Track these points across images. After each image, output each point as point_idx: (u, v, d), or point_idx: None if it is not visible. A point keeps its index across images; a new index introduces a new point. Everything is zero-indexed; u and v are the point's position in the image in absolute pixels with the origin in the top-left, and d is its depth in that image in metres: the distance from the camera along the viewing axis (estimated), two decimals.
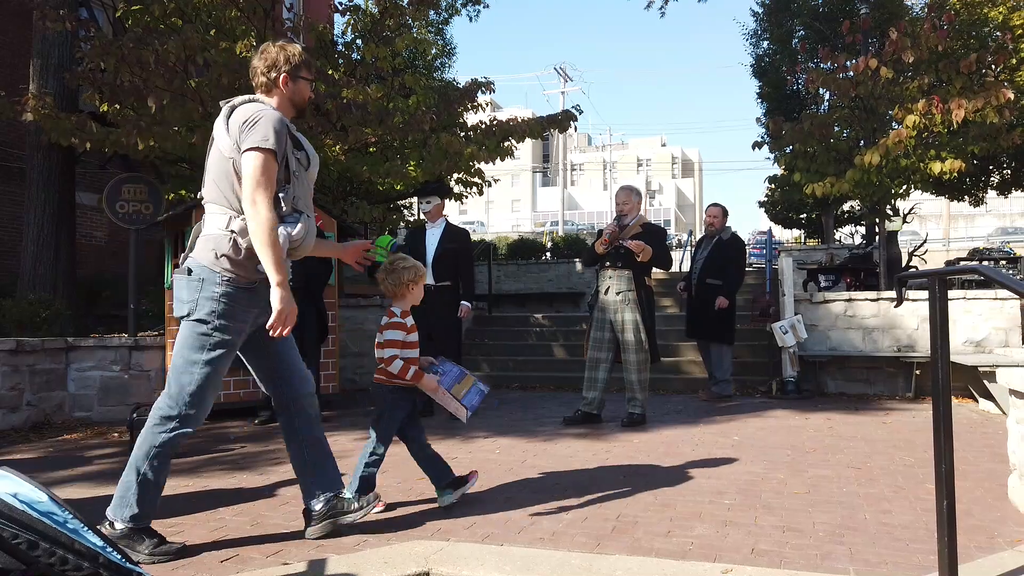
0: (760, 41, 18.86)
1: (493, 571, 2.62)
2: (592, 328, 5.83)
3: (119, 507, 2.78)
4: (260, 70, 2.91)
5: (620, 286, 5.71)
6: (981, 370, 6.28)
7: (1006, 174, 15.25)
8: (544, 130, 9.61)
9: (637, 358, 5.66)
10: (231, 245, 2.77)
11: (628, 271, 5.69)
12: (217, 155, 2.82)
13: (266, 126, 2.72)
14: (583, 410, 5.80)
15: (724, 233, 7.21)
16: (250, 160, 2.70)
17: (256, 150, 2.70)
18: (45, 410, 6.20)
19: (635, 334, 5.65)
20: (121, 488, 2.81)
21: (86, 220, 11.80)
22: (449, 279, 6.18)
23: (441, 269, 6.17)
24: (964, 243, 37.15)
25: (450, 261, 6.20)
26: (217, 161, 2.81)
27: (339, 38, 10.78)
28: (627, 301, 5.67)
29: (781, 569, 2.60)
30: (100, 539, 1.71)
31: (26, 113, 7.27)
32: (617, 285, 5.73)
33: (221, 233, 2.78)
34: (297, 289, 6.13)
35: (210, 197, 2.83)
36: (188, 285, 2.79)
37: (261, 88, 2.93)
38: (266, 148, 2.69)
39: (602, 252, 5.75)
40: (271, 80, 2.92)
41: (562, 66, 40.33)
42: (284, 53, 2.93)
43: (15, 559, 1.54)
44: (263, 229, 2.68)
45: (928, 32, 8.27)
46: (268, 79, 2.91)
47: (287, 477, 4.12)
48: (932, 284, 2.36)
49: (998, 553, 2.73)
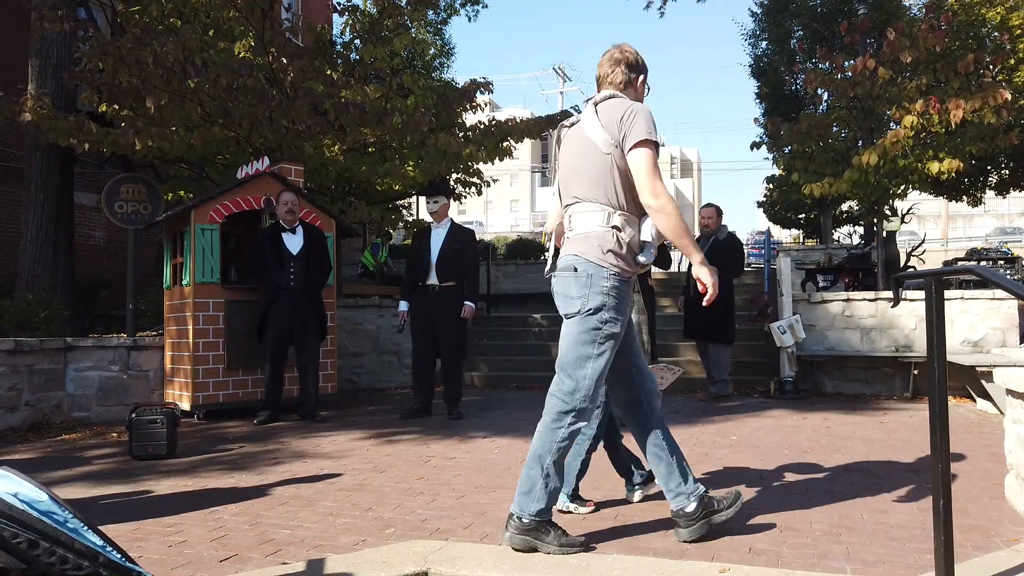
0: (759, 42, 18.89)
1: (491, 570, 2.62)
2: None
3: (526, 502, 2.81)
4: (622, 68, 2.95)
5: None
6: (978, 370, 6.30)
7: (1004, 174, 15.28)
8: (543, 130, 9.62)
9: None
10: (615, 240, 2.80)
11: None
12: (588, 154, 2.84)
13: (647, 119, 2.77)
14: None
15: (720, 233, 7.21)
16: (640, 155, 2.75)
17: (644, 144, 2.75)
18: (43, 410, 6.21)
19: (638, 336, 5.65)
20: (525, 483, 2.83)
21: (85, 220, 11.81)
22: (454, 280, 6.18)
23: (445, 270, 6.17)
24: (962, 243, 37.21)
25: (454, 262, 6.20)
26: (590, 160, 2.83)
27: (337, 38, 10.79)
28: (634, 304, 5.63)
29: (778, 568, 2.61)
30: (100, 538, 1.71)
31: (24, 113, 7.27)
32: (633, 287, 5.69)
33: (604, 230, 2.80)
34: (298, 291, 6.17)
35: (585, 195, 2.85)
36: (576, 282, 2.80)
37: (617, 85, 2.95)
38: (652, 140, 2.76)
39: None
40: (630, 79, 2.96)
41: (561, 66, 40.42)
42: (641, 57, 3.02)
43: (15, 558, 1.54)
44: (674, 216, 2.75)
45: (926, 33, 8.28)
46: (628, 78, 2.95)
47: (285, 477, 4.13)
48: (929, 285, 2.36)
49: (994, 552, 2.74)
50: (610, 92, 2.91)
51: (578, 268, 2.81)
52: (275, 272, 6.15)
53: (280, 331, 6.15)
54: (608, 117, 2.81)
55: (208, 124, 7.66)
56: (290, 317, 6.14)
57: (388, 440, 5.22)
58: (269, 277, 6.18)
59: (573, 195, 2.91)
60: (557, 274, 2.89)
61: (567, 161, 2.95)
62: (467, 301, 6.21)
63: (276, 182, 6.78)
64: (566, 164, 2.96)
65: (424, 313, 6.22)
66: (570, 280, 2.82)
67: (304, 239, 6.28)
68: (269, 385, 6.20)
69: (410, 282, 6.39)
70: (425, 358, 6.29)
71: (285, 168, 7.09)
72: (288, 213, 6.24)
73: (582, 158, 2.88)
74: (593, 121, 2.85)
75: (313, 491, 3.81)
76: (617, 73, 2.94)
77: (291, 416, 6.31)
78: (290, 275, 6.16)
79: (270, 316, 6.15)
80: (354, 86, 8.47)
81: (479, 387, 8.63)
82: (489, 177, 10.58)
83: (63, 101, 8.14)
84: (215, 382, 6.41)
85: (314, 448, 5.00)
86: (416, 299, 6.29)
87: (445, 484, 3.91)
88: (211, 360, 6.38)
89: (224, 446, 5.16)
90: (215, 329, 6.42)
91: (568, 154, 2.95)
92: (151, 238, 10.27)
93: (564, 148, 3.00)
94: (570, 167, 2.93)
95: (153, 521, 3.30)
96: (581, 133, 2.90)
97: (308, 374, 6.25)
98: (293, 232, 6.28)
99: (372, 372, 8.75)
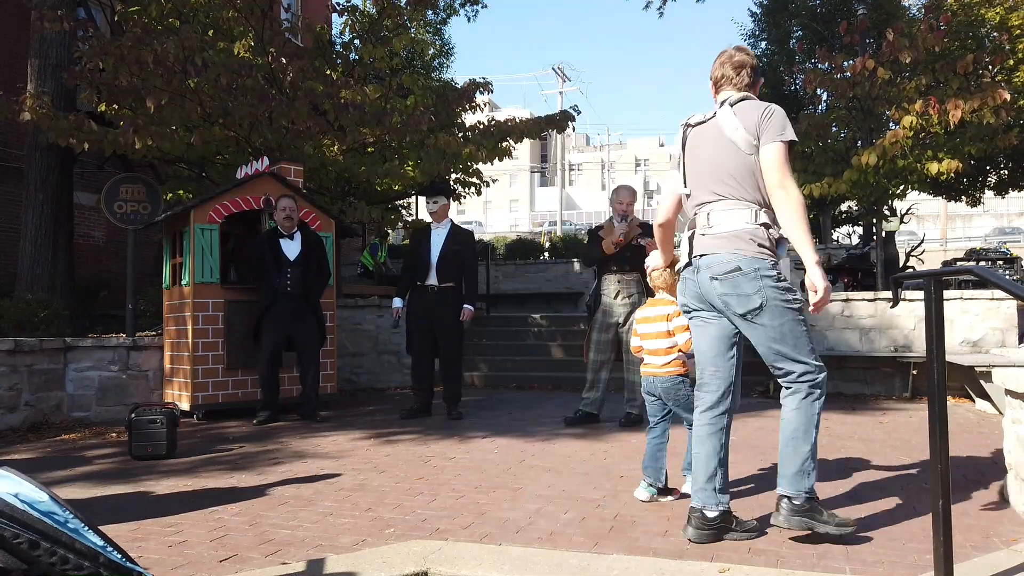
0: (758, 42, 18.87)
1: (491, 570, 2.63)
2: (594, 330, 5.75)
3: (798, 480, 2.87)
4: (747, 71, 3.05)
5: (630, 290, 5.65)
6: (978, 370, 6.30)
7: (1003, 174, 15.28)
8: (542, 130, 9.63)
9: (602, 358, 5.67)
10: (765, 236, 2.88)
11: (636, 273, 5.61)
12: (728, 153, 2.91)
13: (783, 119, 2.86)
14: (583, 410, 5.81)
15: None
16: (774, 151, 2.81)
17: (779, 142, 2.82)
18: (43, 410, 6.21)
19: (601, 334, 5.66)
20: (794, 463, 2.90)
21: (84, 220, 11.81)
22: (453, 280, 6.18)
23: (445, 270, 6.17)
24: (961, 243, 37.21)
25: (454, 263, 6.19)
26: (732, 159, 2.91)
27: (337, 38, 10.80)
28: (636, 305, 5.55)
29: (778, 568, 2.61)
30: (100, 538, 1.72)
31: (24, 113, 7.27)
32: (627, 289, 5.66)
33: (753, 227, 2.87)
34: (295, 297, 6.17)
35: (730, 193, 2.91)
36: (746, 279, 2.85)
37: (744, 87, 3.05)
38: (787, 140, 2.84)
39: (612, 252, 5.64)
40: (754, 81, 3.07)
41: (560, 66, 40.36)
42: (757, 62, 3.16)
43: (16, 558, 1.54)
44: (799, 211, 2.78)
45: (925, 33, 8.29)
46: (753, 79, 3.06)
47: (285, 477, 4.14)
48: (928, 285, 2.37)
49: (994, 552, 2.75)
50: (743, 94, 3.01)
51: (742, 266, 2.86)
52: (273, 277, 6.15)
53: (277, 334, 6.14)
54: (746, 118, 2.89)
55: (208, 124, 7.66)
56: (287, 321, 6.14)
57: (388, 440, 5.23)
58: (267, 281, 6.18)
59: (714, 192, 2.93)
60: (721, 277, 2.89)
61: (701, 159, 3.00)
62: (466, 304, 6.21)
63: (276, 182, 6.78)
64: (701, 162, 3.00)
65: (423, 313, 6.21)
66: (739, 279, 2.86)
67: (302, 245, 6.28)
68: (266, 386, 6.20)
69: (407, 281, 6.39)
70: (424, 358, 6.28)
71: (285, 168, 7.09)
72: (286, 220, 6.24)
73: (722, 157, 2.93)
74: (732, 121, 2.91)
75: (313, 491, 3.81)
76: (743, 76, 3.04)
77: (290, 416, 6.31)
78: (287, 281, 6.16)
79: (267, 319, 6.15)
80: (353, 86, 8.47)
81: (479, 387, 8.63)
82: (488, 177, 10.58)
83: (63, 101, 8.13)
84: (214, 382, 6.41)
85: (314, 448, 5.00)
86: (415, 299, 6.28)
87: (445, 484, 3.91)
88: (210, 360, 6.38)
89: (224, 446, 5.16)
90: (214, 329, 6.42)
91: (701, 152, 3.00)
92: (151, 238, 10.27)
93: (695, 146, 3.04)
94: (706, 165, 2.97)
95: (153, 521, 3.30)
96: (717, 133, 2.95)
97: (308, 375, 6.25)
98: (291, 238, 6.28)
99: (371, 372, 8.75)
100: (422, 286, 6.22)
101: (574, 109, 9.78)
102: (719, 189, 2.91)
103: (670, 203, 3.18)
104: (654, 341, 3.59)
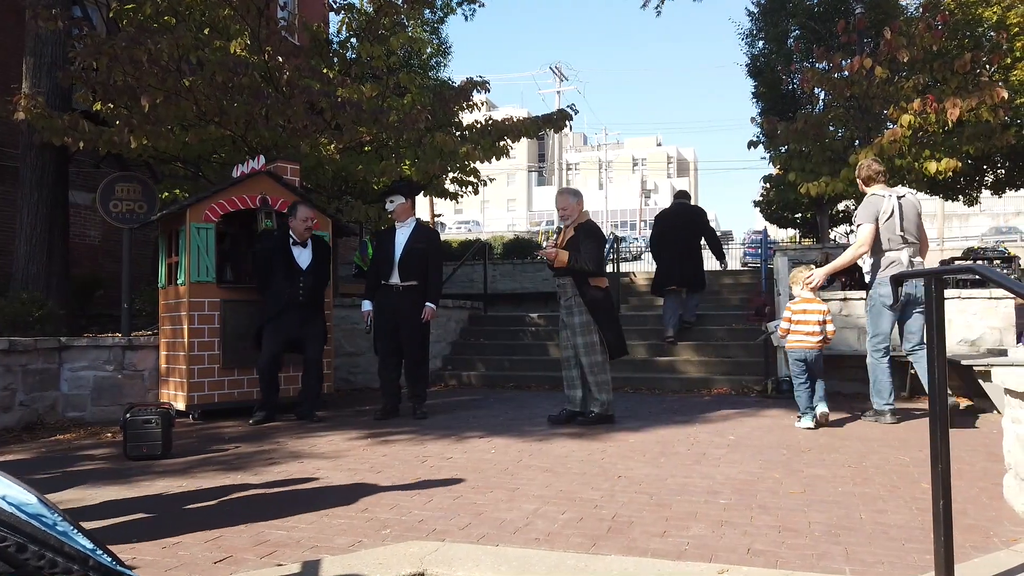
0: (755, 41, 18.85)
1: (488, 572, 2.60)
2: (560, 329, 5.95)
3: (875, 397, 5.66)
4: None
5: (566, 292, 5.79)
6: (976, 369, 6.28)
7: (1000, 174, 15.29)
8: (539, 129, 9.61)
9: (590, 360, 5.69)
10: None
11: (568, 277, 5.71)
12: (918, 218, 5.78)
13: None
14: (568, 409, 5.81)
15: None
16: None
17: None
18: (38, 410, 6.17)
19: (585, 336, 5.68)
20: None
21: (80, 219, 11.76)
22: (416, 279, 6.17)
23: (408, 269, 6.16)
24: (958, 243, 37.22)
25: (418, 261, 6.19)
26: (919, 222, 5.71)
27: (334, 37, 10.77)
28: (573, 306, 5.73)
29: (777, 569, 2.59)
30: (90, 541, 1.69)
31: (18, 112, 7.23)
32: (564, 292, 5.81)
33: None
34: (306, 306, 6.13)
35: (915, 242, 5.62)
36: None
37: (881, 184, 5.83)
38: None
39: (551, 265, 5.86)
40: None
41: (557, 65, 40.43)
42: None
43: (3, 562, 1.52)
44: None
45: (923, 32, 8.28)
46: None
47: (281, 477, 4.11)
48: (928, 283, 2.35)
49: (994, 553, 2.73)
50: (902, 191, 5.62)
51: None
52: (282, 286, 6.10)
53: (281, 340, 6.10)
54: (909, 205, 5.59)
55: (203, 123, 7.62)
56: (295, 328, 6.11)
57: (384, 440, 5.20)
58: (275, 289, 6.12)
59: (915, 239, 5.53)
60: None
61: (908, 217, 5.52)
62: (428, 302, 6.20)
63: (272, 181, 6.75)
64: (908, 220, 5.51)
65: (388, 313, 6.19)
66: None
67: (313, 254, 6.26)
68: (266, 386, 6.17)
69: (373, 281, 6.39)
70: (390, 358, 6.28)
71: (281, 167, 7.05)
72: (306, 230, 6.21)
73: (916, 220, 5.56)
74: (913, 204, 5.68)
75: (309, 492, 3.79)
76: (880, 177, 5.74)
77: (287, 416, 6.29)
78: (299, 290, 6.12)
79: (273, 326, 6.09)
80: (350, 84, 8.44)
81: (476, 386, 8.60)
82: (486, 176, 10.55)
83: (57, 100, 8.09)
84: (210, 382, 6.37)
85: (310, 448, 4.97)
86: (380, 298, 6.27)
87: (441, 484, 3.89)
88: (206, 360, 6.35)
89: (219, 446, 5.13)
90: (210, 328, 6.39)
91: (909, 215, 5.53)
92: (146, 237, 10.23)
93: (904, 210, 5.51)
94: (910, 223, 5.51)
95: (146, 521, 3.27)
96: (912, 206, 5.59)
97: (311, 376, 6.23)
98: (304, 246, 6.24)
99: (368, 372, 8.71)
100: (386, 285, 6.22)
101: (572, 108, 9.76)
102: (912, 239, 5.53)
103: (869, 238, 5.51)
104: (809, 326, 5.60)
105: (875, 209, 5.53)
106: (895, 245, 5.50)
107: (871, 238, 5.51)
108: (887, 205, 5.47)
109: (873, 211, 5.53)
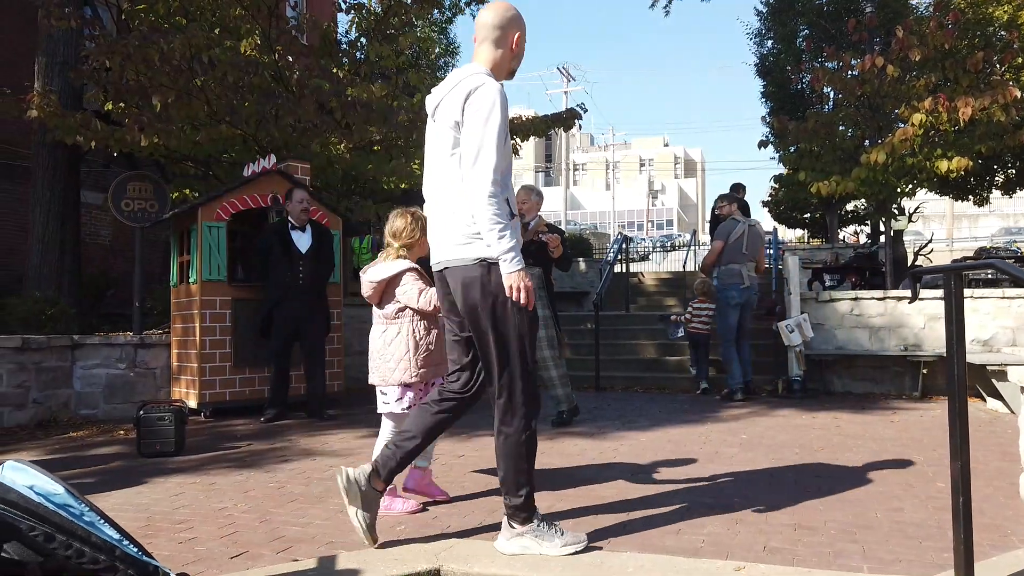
0: (764, 40, 18.83)
1: (504, 568, 2.60)
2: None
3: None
4: None
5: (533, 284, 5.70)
6: (990, 369, 6.26)
7: (1011, 173, 15.21)
8: (548, 128, 9.62)
9: (552, 353, 5.63)
10: None
11: (538, 268, 5.53)
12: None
13: None
14: (562, 409, 5.71)
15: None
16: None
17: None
18: (51, 408, 6.21)
19: (547, 330, 5.62)
20: None
21: (91, 218, 11.81)
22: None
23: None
24: (968, 243, 37.03)
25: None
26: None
27: (343, 36, 10.80)
28: (541, 299, 5.51)
29: (794, 567, 2.58)
30: (116, 531, 1.70)
31: (31, 111, 7.27)
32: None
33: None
34: (307, 291, 6.14)
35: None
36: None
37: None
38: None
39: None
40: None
41: (565, 66, 40.38)
42: None
43: (32, 551, 1.53)
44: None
45: (935, 30, 8.25)
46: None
47: (294, 474, 4.12)
48: (948, 279, 2.34)
49: (1014, 551, 2.72)
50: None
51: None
52: (282, 270, 6.12)
53: (287, 329, 6.12)
54: None
55: (214, 122, 7.65)
56: (297, 316, 6.12)
57: None
58: (276, 275, 6.14)
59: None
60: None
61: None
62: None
63: (283, 180, 6.77)
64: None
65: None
66: None
67: (313, 238, 6.26)
68: (275, 383, 6.19)
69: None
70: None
71: (292, 166, 7.07)
72: (303, 212, 6.22)
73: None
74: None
75: (322, 488, 3.80)
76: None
77: (298, 414, 6.30)
78: (299, 274, 6.13)
79: (276, 314, 6.12)
80: (360, 84, 8.46)
81: None
82: None
83: (69, 99, 8.13)
84: (222, 380, 6.39)
85: (322, 446, 4.98)
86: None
87: (455, 481, 3.89)
88: (218, 358, 6.37)
89: (232, 444, 5.14)
90: (222, 327, 6.41)
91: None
92: (157, 236, 10.27)
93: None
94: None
95: (163, 517, 3.29)
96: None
97: (315, 372, 6.23)
98: (303, 230, 6.25)
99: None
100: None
101: (581, 107, 9.77)
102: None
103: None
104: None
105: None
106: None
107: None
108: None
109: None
